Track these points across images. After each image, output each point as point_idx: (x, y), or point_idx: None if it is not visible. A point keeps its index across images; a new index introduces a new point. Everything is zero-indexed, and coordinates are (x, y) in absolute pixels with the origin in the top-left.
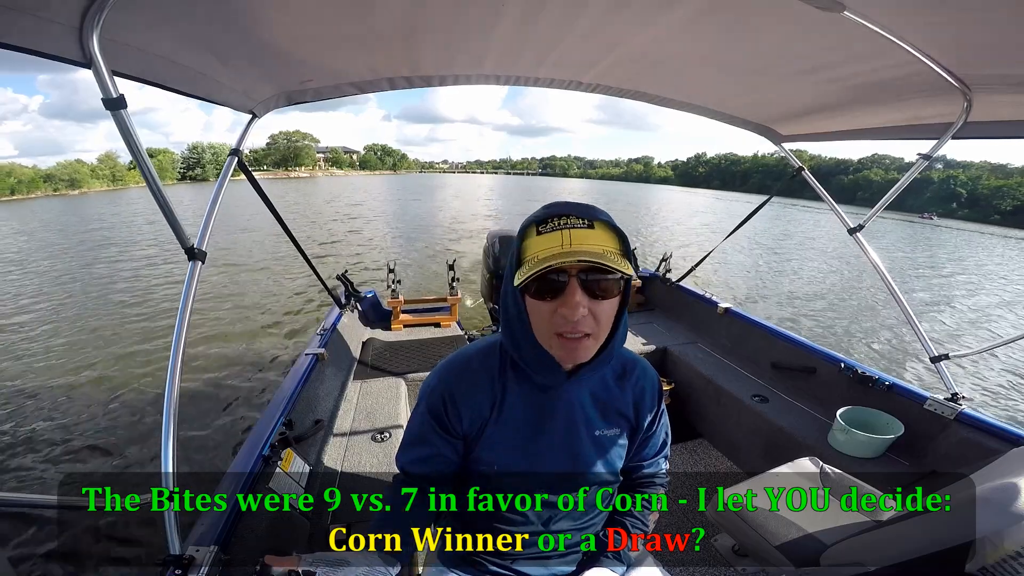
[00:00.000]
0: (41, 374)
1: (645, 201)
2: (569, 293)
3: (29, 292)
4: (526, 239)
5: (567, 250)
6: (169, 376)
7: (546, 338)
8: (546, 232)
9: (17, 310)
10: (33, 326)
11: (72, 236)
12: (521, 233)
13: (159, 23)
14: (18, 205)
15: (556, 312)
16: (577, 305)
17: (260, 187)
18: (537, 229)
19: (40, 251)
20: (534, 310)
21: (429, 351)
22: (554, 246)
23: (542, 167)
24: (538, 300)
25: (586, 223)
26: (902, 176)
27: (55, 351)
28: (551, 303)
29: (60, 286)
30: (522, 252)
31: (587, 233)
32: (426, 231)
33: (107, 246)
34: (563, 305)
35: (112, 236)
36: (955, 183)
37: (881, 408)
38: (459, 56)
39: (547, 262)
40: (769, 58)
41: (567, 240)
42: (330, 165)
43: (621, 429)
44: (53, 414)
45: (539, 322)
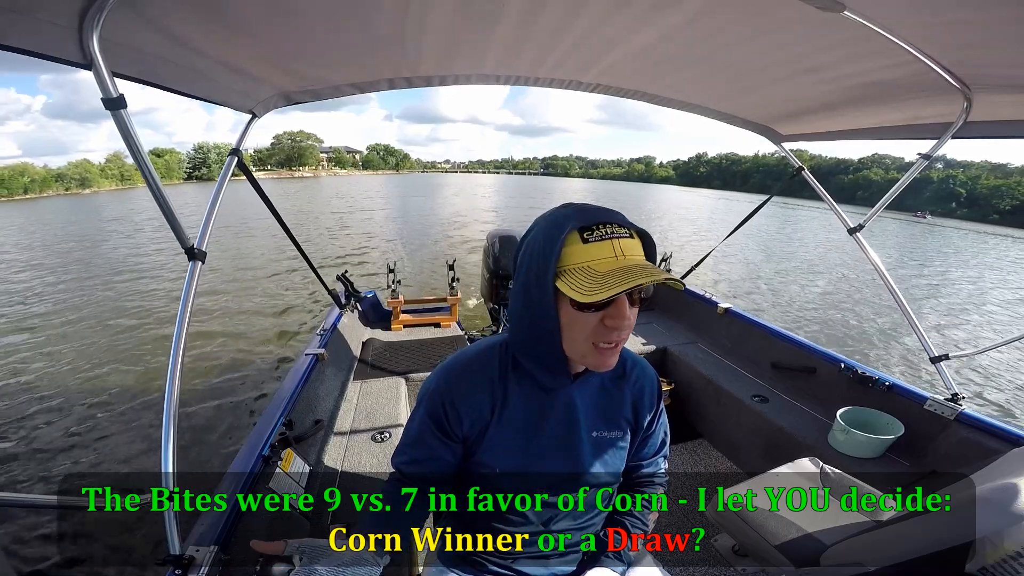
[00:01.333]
0: (42, 373)
1: (646, 201)
2: (621, 305)
3: (37, 289)
4: (568, 245)
5: (624, 264)
6: (169, 376)
7: (580, 346)
8: (594, 240)
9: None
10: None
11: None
12: (554, 237)
13: (158, 23)
14: (31, 204)
15: (601, 323)
16: (628, 317)
17: (260, 187)
18: (582, 236)
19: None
20: (574, 319)
21: (429, 351)
22: (607, 256)
23: (544, 167)
24: (581, 311)
25: (628, 232)
26: (902, 176)
27: (60, 349)
28: (597, 314)
29: (68, 287)
30: (563, 258)
31: (631, 243)
32: (429, 228)
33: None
34: (613, 317)
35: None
36: (954, 183)
37: (881, 408)
38: (459, 56)
39: (616, 277)
40: (769, 58)
41: (619, 251)
42: (333, 165)
43: (621, 429)
44: (53, 413)
45: (577, 332)
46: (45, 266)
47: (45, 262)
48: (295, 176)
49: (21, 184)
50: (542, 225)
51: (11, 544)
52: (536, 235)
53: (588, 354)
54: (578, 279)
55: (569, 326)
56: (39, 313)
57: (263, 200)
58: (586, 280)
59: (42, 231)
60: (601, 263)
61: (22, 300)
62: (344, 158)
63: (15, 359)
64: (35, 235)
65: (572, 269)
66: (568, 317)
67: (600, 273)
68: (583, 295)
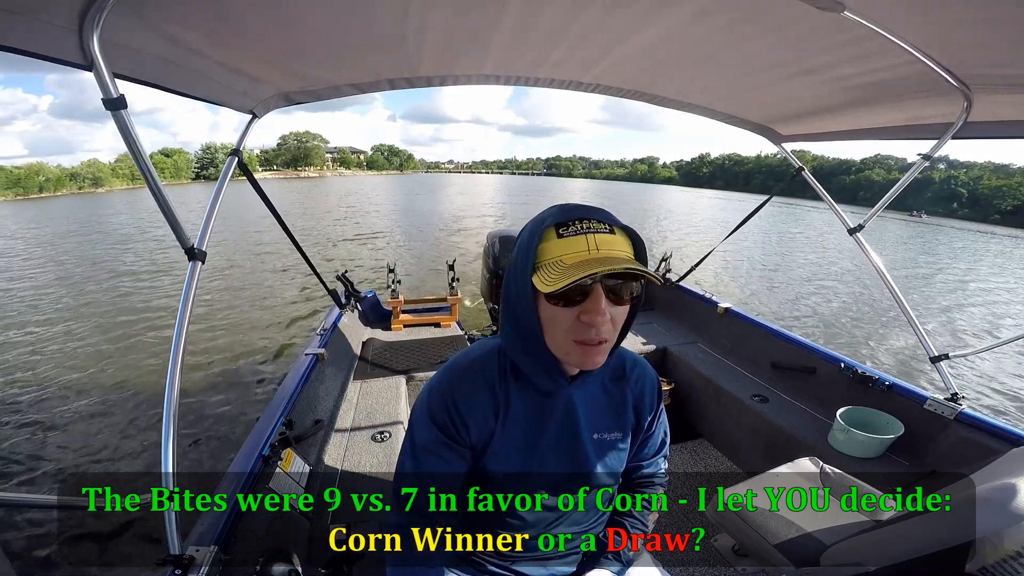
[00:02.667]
0: (45, 370)
1: (648, 201)
2: (595, 300)
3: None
4: (544, 241)
5: (596, 256)
6: (169, 376)
7: (562, 344)
8: (568, 236)
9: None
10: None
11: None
12: (534, 234)
13: (158, 24)
14: (47, 203)
15: (577, 319)
16: (603, 312)
17: (260, 187)
18: (557, 232)
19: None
20: (552, 316)
21: (429, 351)
22: (580, 251)
23: (547, 167)
24: (558, 306)
25: (607, 228)
26: (903, 176)
27: (68, 345)
28: (572, 309)
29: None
30: (539, 254)
31: (610, 238)
32: (431, 228)
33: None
34: (587, 312)
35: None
36: (956, 183)
37: (881, 408)
38: (459, 56)
39: (579, 268)
40: (769, 58)
41: (592, 245)
42: (338, 165)
43: (620, 429)
44: (54, 412)
45: (556, 328)
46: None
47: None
48: (301, 176)
49: (37, 183)
50: (528, 224)
51: (11, 544)
52: (522, 235)
53: (571, 352)
54: (547, 272)
55: (549, 323)
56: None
57: (263, 200)
58: (553, 272)
59: (61, 227)
60: (571, 256)
61: (46, 294)
62: (349, 158)
63: (24, 353)
64: (65, 236)
65: (545, 264)
66: (547, 314)
67: (567, 265)
68: (546, 286)
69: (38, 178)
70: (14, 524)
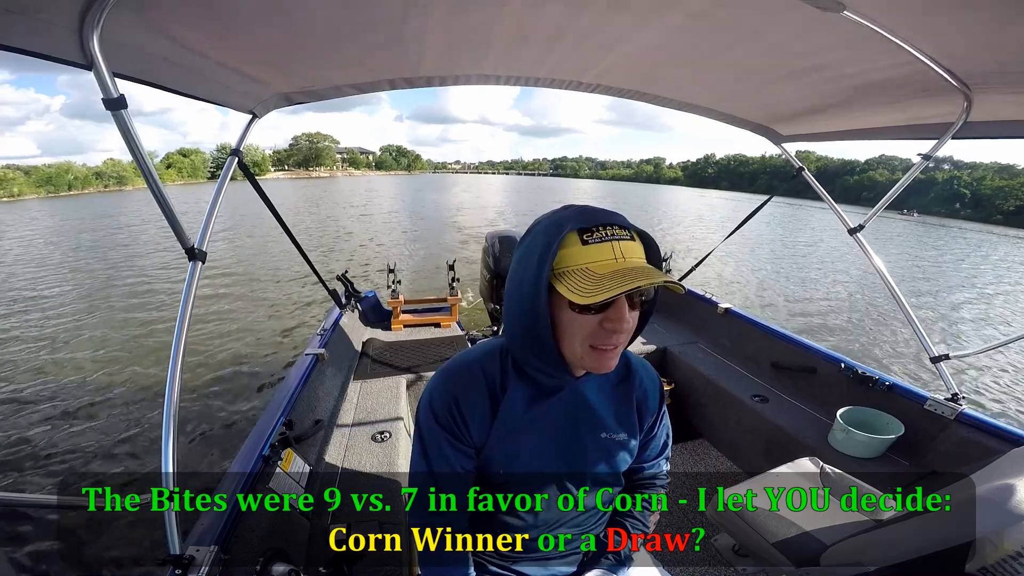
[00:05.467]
0: (45, 370)
1: (648, 202)
2: (619, 308)
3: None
4: (567, 246)
5: (624, 266)
6: (170, 376)
7: (578, 348)
8: (594, 243)
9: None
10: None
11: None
12: (553, 237)
13: (159, 24)
14: (75, 200)
15: (599, 325)
16: (628, 320)
17: (260, 188)
18: (582, 238)
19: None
20: (572, 321)
21: (429, 351)
22: (607, 259)
23: (553, 168)
24: (579, 313)
25: (628, 234)
26: (904, 176)
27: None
28: (595, 316)
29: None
30: (561, 260)
31: (632, 246)
32: (435, 228)
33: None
34: (611, 320)
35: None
36: (959, 183)
37: (881, 408)
38: (459, 57)
39: (613, 280)
40: (769, 58)
41: (619, 253)
42: (348, 165)
43: (622, 430)
44: (53, 412)
45: (574, 333)
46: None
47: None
48: (312, 176)
49: (66, 181)
50: (543, 225)
51: (11, 544)
52: (535, 236)
53: (586, 356)
54: (576, 281)
55: (567, 328)
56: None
57: (263, 200)
58: (585, 282)
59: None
60: (600, 265)
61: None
62: (358, 159)
63: (28, 348)
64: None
65: (571, 271)
66: (566, 319)
67: (599, 275)
68: (581, 297)
69: (67, 176)
70: (14, 524)
